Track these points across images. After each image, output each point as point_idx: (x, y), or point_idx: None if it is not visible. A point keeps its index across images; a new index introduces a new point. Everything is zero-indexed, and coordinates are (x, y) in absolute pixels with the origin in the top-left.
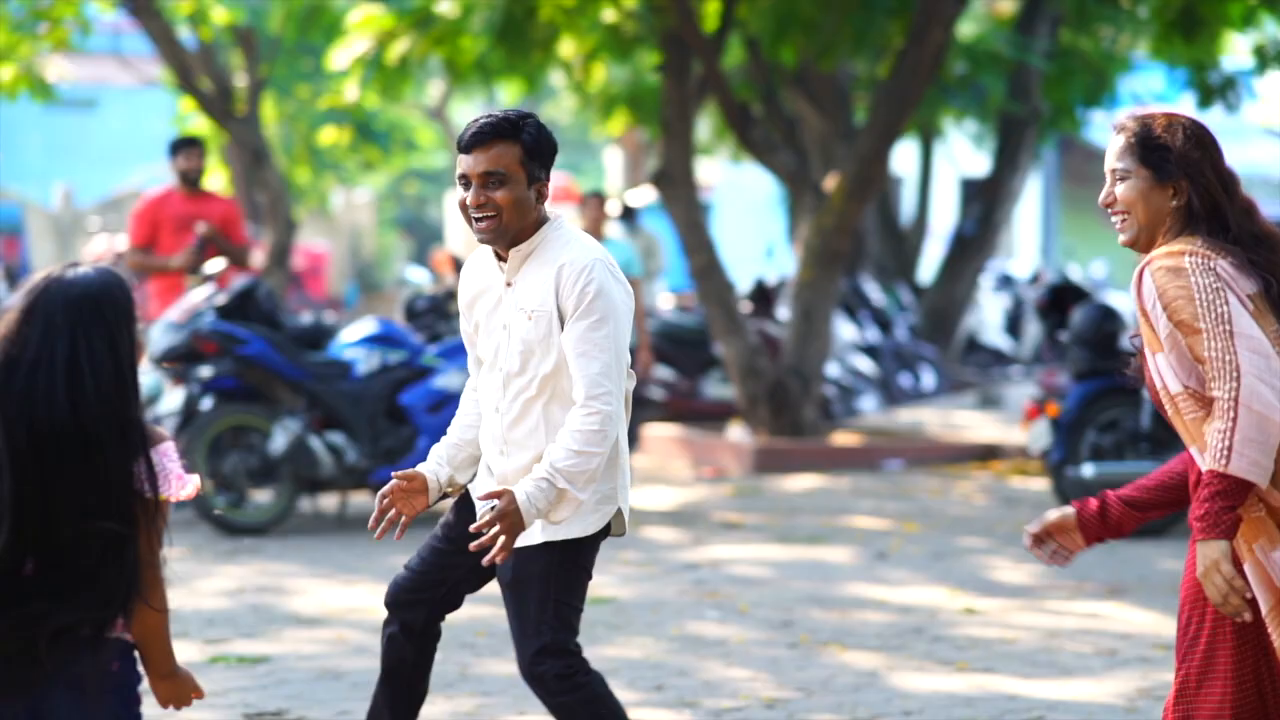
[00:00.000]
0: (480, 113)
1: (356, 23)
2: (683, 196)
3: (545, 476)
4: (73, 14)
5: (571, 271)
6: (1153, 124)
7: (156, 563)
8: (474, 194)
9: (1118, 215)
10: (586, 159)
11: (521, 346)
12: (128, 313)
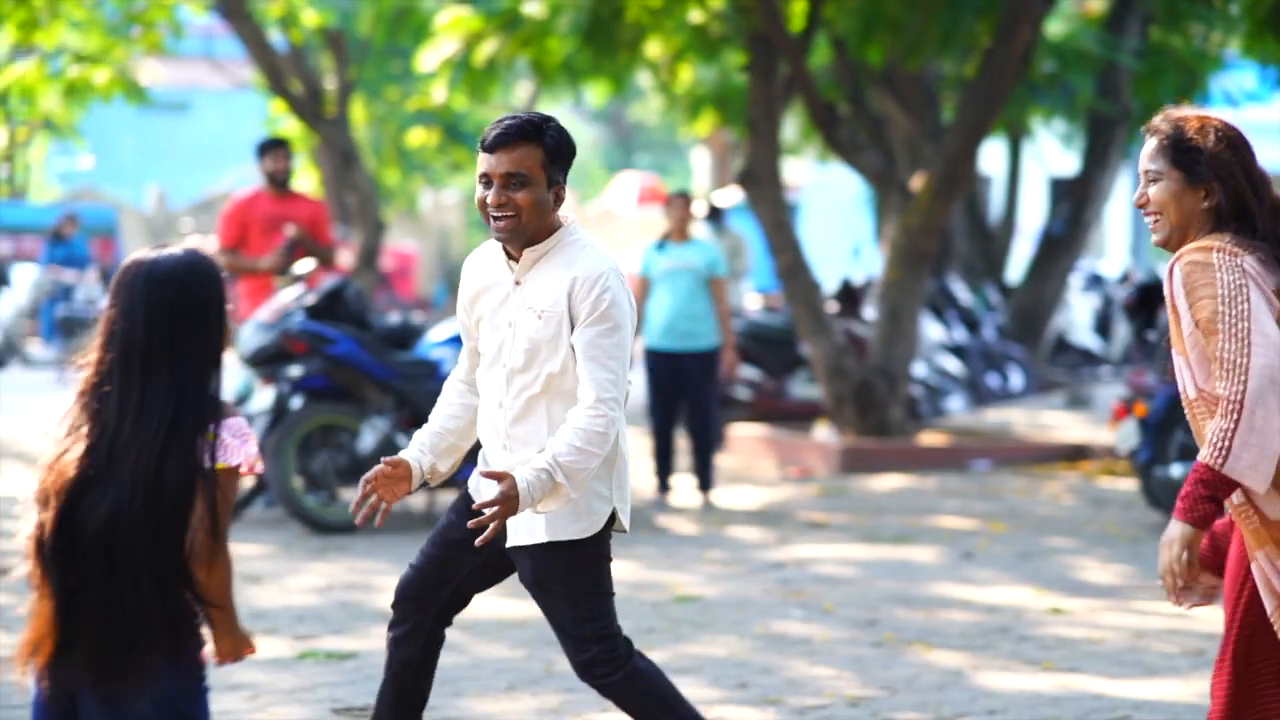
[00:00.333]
0: (567, 112)
1: (444, 24)
2: (769, 196)
3: (546, 468)
4: (165, 18)
5: (586, 279)
6: (1185, 126)
7: (218, 528)
8: (495, 194)
9: (1150, 216)
10: (674, 160)
11: (528, 344)
12: (211, 293)
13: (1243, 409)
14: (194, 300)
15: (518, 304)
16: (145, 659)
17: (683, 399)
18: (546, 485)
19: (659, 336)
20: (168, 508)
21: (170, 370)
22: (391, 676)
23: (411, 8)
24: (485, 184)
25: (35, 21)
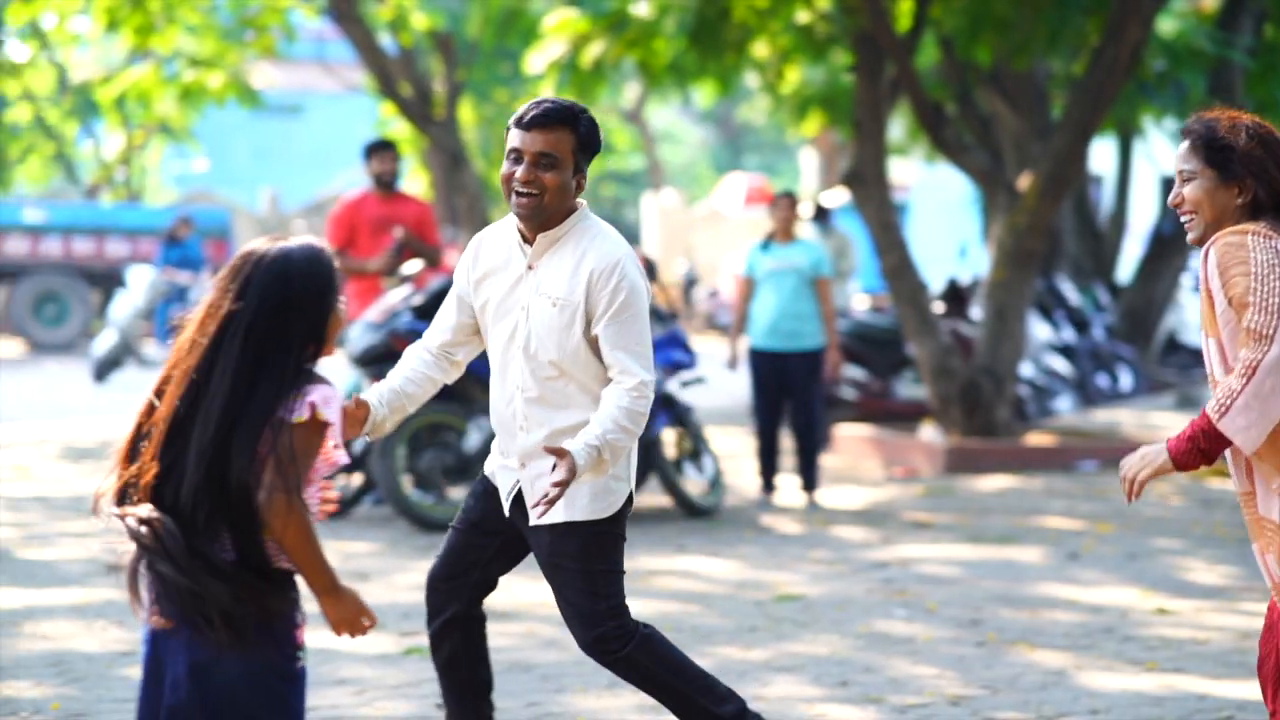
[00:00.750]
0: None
1: (552, 27)
2: (874, 197)
3: (597, 445)
4: (278, 22)
5: (602, 270)
6: (1217, 126)
7: (292, 483)
8: (525, 170)
9: (1186, 215)
10: (782, 160)
11: (541, 330)
12: (317, 284)
13: (1256, 372)
14: (301, 290)
15: (531, 289)
16: (228, 624)
17: (787, 399)
18: (594, 461)
19: (763, 336)
20: (234, 473)
21: (270, 352)
22: (444, 673)
23: (520, 10)
24: (514, 160)
25: (151, 26)
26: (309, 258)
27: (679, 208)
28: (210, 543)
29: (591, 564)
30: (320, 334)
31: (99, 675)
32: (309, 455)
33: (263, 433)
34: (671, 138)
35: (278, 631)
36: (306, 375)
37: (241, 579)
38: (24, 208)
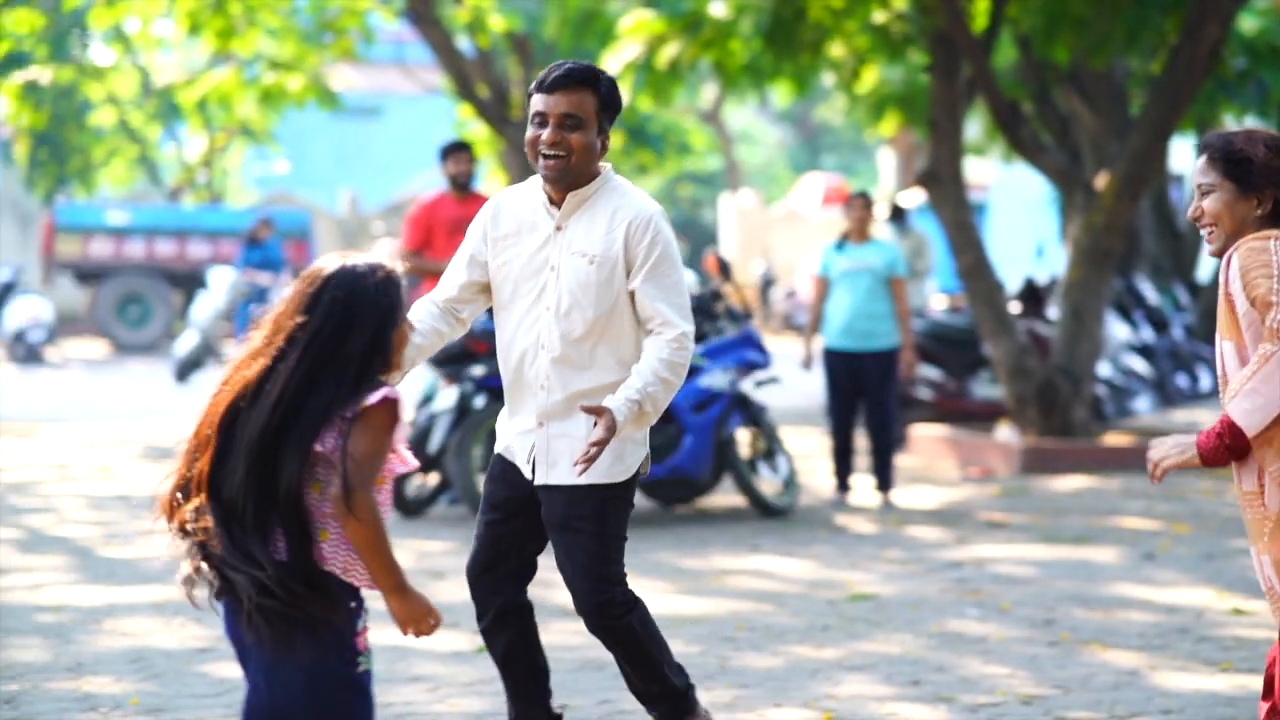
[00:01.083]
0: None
1: (628, 28)
2: (950, 196)
3: (637, 399)
4: (357, 25)
5: (640, 223)
6: (1234, 140)
7: (358, 481)
8: (551, 132)
9: (1206, 227)
10: (860, 160)
11: (575, 288)
12: (380, 301)
13: (1269, 362)
14: (365, 307)
15: (561, 248)
16: (285, 625)
17: (862, 399)
18: (635, 415)
19: (838, 336)
20: (284, 475)
21: (330, 365)
22: (504, 666)
23: (597, 11)
24: (539, 123)
25: (232, 29)
26: (374, 275)
27: (756, 208)
28: (259, 541)
29: (606, 527)
30: (383, 350)
31: (177, 671)
32: (378, 453)
33: (316, 434)
34: (749, 138)
35: (331, 639)
36: (369, 384)
37: (283, 581)
38: (108, 210)
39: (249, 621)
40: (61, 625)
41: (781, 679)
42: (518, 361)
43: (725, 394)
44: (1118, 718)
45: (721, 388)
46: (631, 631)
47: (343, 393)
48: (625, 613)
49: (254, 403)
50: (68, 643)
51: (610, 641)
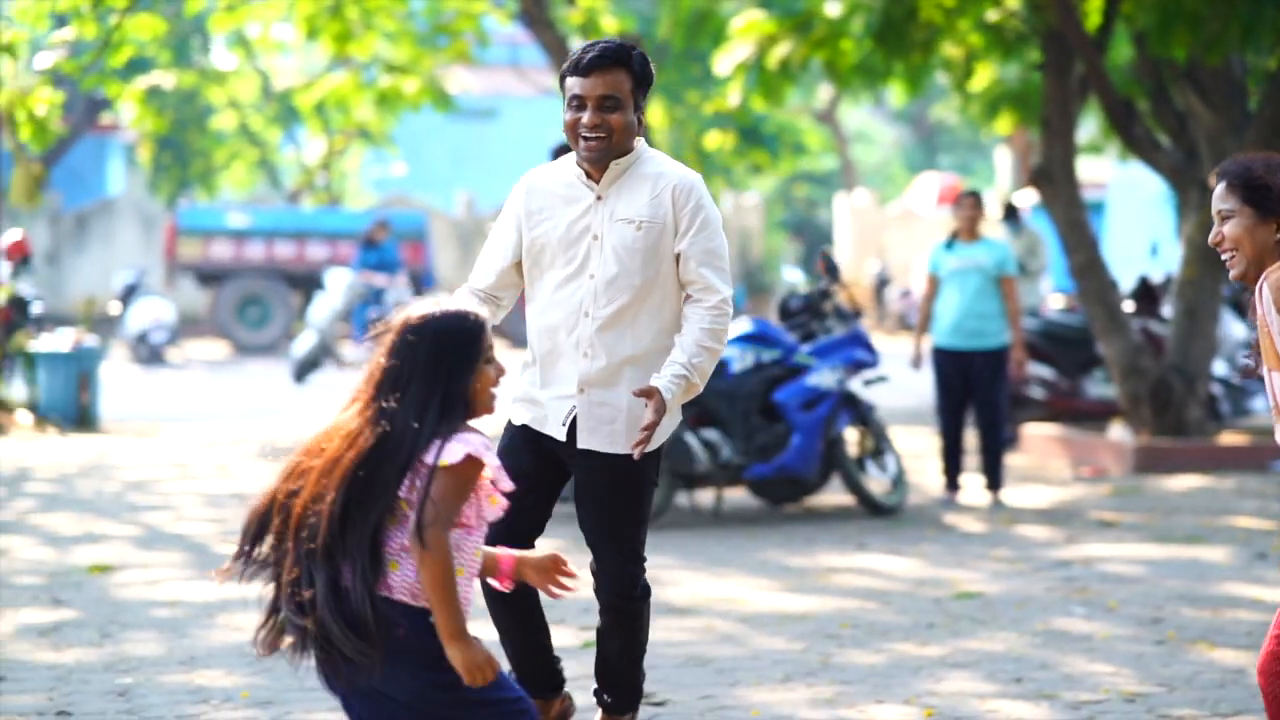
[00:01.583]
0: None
1: (739, 28)
2: (1063, 195)
3: (683, 373)
4: (472, 28)
5: (683, 188)
6: (1253, 166)
7: (430, 521)
8: (591, 115)
9: (1226, 253)
10: (977, 159)
11: (621, 254)
12: (459, 345)
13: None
14: (444, 351)
15: (603, 217)
16: (370, 655)
17: (971, 398)
18: (683, 388)
19: (947, 335)
20: (370, 514)
21: (413, 408)
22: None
23: (710, 11)
24: (578, 107)
25: (349, 33)
26: (454, 320)
27: (871, 208)
28: (325, 574)
29: (643, 498)
30: (463, 392)
31: (288, 666)
32: (455, 499)
33: (400, 479)
34: (865, 138)
35: (418, 661)
36: (451, 426)
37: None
38: (229, 213)
39: (324, 668)
40: (176, 620)
41: (883, 676)
42: (555, 329)
43: (833, 393)
44: (1221, 715)
45: (829, 386)
46: (639, 618)
47: (424, 434)
48: (645, 595)
49: (348, 447)
50: (181, 637)
51: (619, 623)
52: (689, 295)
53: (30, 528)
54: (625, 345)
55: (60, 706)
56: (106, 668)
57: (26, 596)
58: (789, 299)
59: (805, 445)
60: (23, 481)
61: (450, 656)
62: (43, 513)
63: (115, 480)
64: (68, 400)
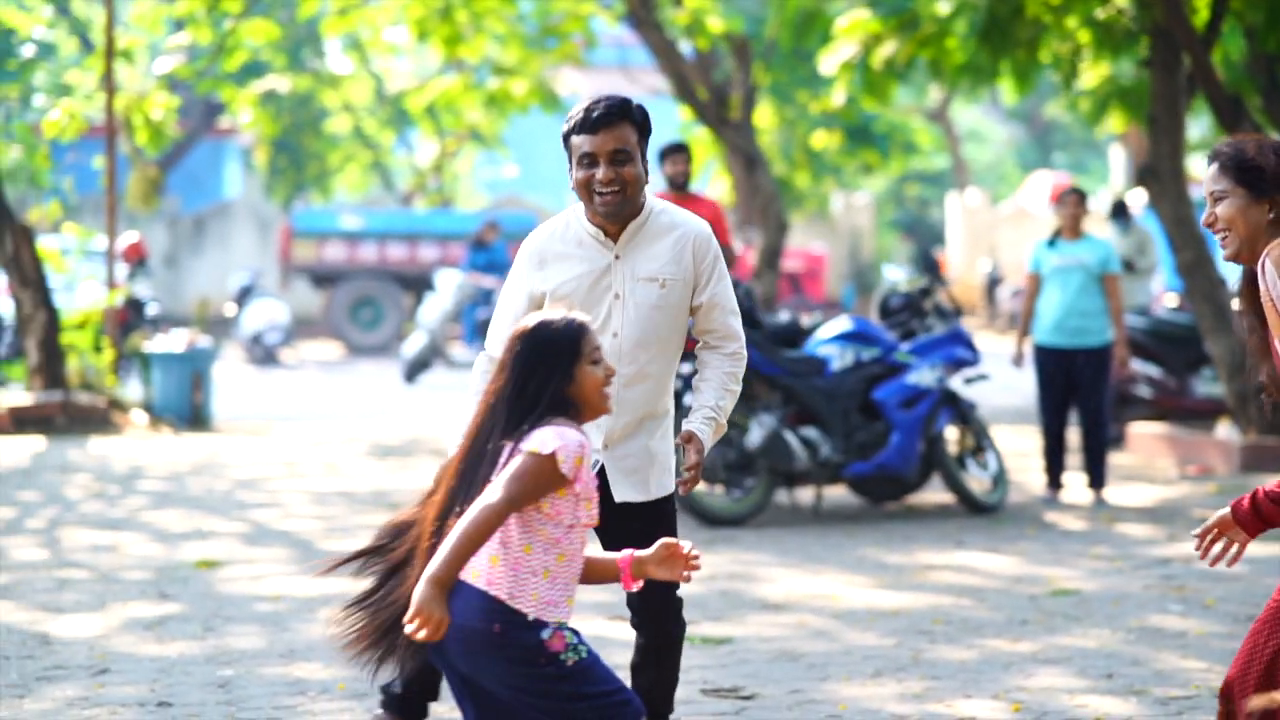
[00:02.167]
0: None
1: (843, 28)
2: (1170, 192)
3: (712, 415)
4: (580, 29)
5: (703, 241)
6: (1245, 148)
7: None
8: (605, 170)
9: (1220, 233)
10: (1092, 157)
11: (647, 312)
12: (557, 351)
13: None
14: (544, 352)
15: (624, 276)
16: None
17: (1074, 396)
18: (714, 429)
19: (1049, 333)
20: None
21: (516, 408)
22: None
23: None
24: (589, 164)
25: (459, 36)
26: (554, 323)
27: (983, 207)
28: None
29: (674, 529)
30: (560, 390)
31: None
32: (529, 481)
33: (492, 469)
34: (977, 136)
35: (516, 653)
36: (545, 420)
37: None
38: (342, 215)
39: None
40: (278, 614)
41: (974, 671)
42: None
43: (933, 391)
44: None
45: (929, 385)
46: (679, 650)
47: (513, 428)
48: (683, 627)
49: (461, 448)
50: (283, 630)
51: (662, 657)
52: (706, 342)
53: (141, 524)
54: (648, 402)
55: (161, 697)
56: (208, 660)
57: (134, 591)
58: (889, 297)
59: (904, 443)
60: (136, 480)
61: (416, 591)
62: (153, 510)
63: (225, 478)
64: (182, 400)
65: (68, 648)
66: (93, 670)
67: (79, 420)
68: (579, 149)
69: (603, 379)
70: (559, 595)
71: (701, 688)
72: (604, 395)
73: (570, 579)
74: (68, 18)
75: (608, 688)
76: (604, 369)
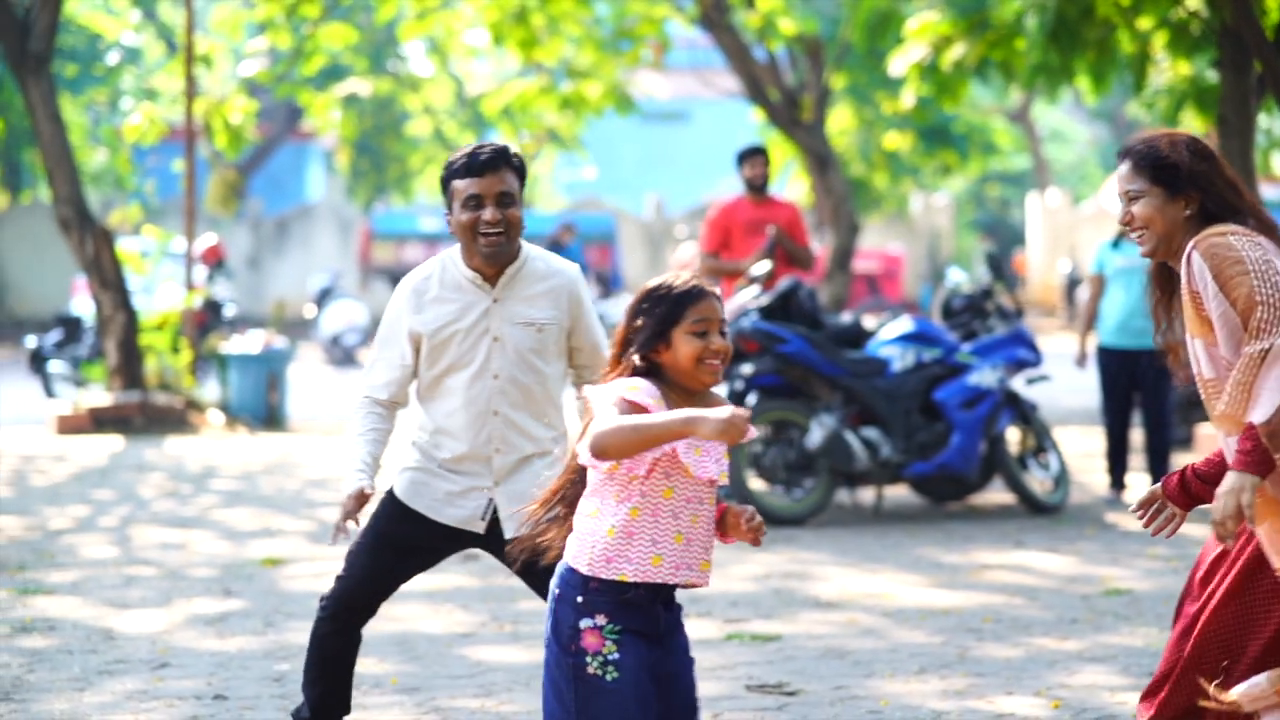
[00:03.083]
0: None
1: (913, 30)
2: None
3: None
4: (654, 32)
5: (577, 284)
6: (1159, 145)
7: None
8: (491, 211)
9: (1136, 231)
10: None
11: (524, 354)
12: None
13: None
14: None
15: (501, 319)
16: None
17: (1138, 397)
18: None
19: (1113, 334)
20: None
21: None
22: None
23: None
24: (475, 205)
25: (534, 39)
26: (667, 282)
27: (1064, 207)
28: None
29: None
30: (652, 345)
31: (438, 654)
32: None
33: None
34: (1060, 137)
35: (553, 618)
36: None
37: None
38: (420, 217)
39: None
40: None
41: (1018, 668)
42: (465, 430)
43: (994, 392)
44: None
45: (990, 385)
46: None
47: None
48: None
49: None
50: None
51: None
52: (581, 375)
53: (211, 523)
54: (526, 441)
55: (217, 690)
56: (266, 655)
57: (199, 587)
58: (951, 298)
59: (965, 443)
60: (208, 479)
61: (705, 433)
62: (224, 508)
63: (296, 478)
64: (257, 400)
65: (130, 642)
66: (153, 664)
67: (156, 420)
68: (464, 191)
69: (703, 350)
70: (634, 552)
71: (746, 683)
72: (703, 368)
73: (652, 536)
74: (154, 22)
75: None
76: (713, 343)
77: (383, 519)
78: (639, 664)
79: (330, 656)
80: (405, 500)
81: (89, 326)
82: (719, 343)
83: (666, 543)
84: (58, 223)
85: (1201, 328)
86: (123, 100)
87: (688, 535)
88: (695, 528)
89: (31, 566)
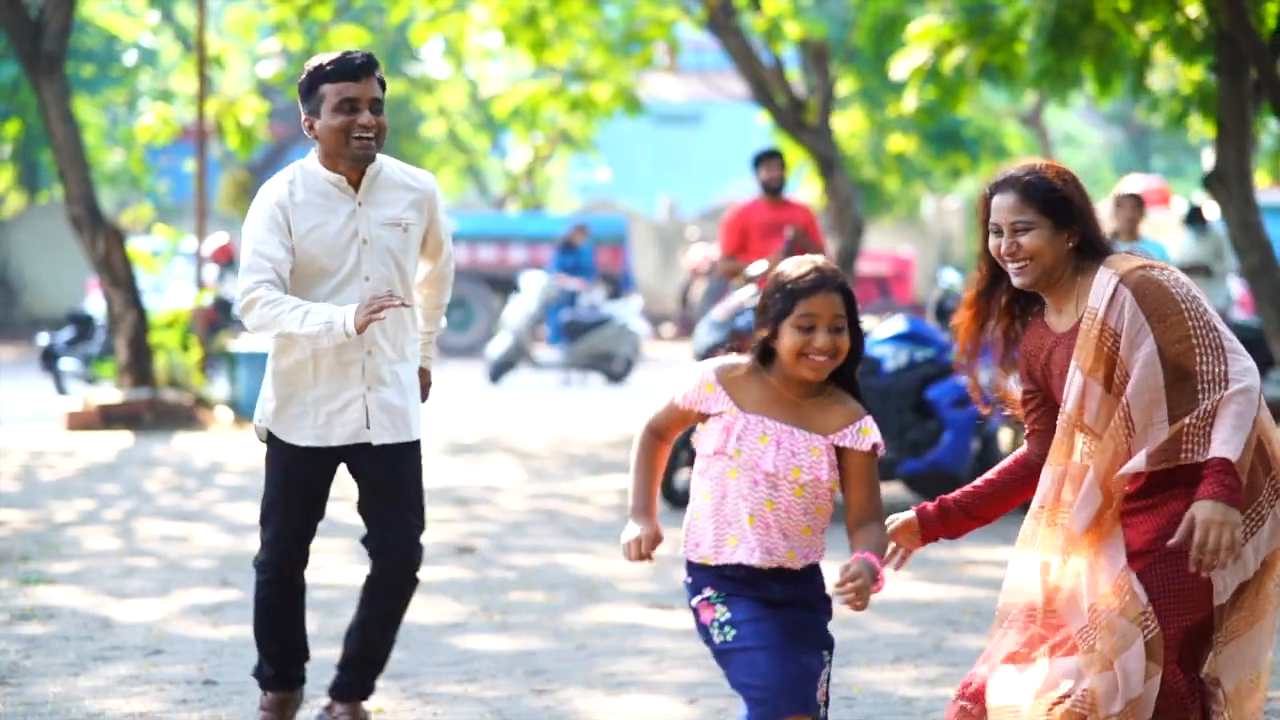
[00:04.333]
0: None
1: (916, 34)
2: (1236, 197)
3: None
4: (663, 35)
5: (436, 195)
6: (1048, 176)
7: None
8: (367, 116)
9: (1019, 262)
10: (1189, 161)
11: (394, 254)
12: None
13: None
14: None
15: (368, 221)
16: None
17: None
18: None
19: None
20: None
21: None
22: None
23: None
24: (350, 109)
25: (545, 42)
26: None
27: None
28: None
29: (421, 479)
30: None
31: (427, 642)
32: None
33: None
34: (1073, 141)
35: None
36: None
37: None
38: None
39: None
40: (332, 600)
41: None
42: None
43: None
44: None
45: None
46: (413, 588)
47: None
48: (419, 565)
49: None
50: (333, 616)
51: (397, 594)
52: (437, 268)
53: (213, 516)
54: (401, 339)
55: (208, 676)
56: None
57: (197, 578)
58: (944, 299)
59: (957, 442)
60: (214, 474)
61: (625, 535)
62: (227, 503)
63: None
64: None
65: (126, 630)
66: (147, 651)
67: (166, 417)
68: (338, 95)
69: (804, 345)
70: (709, 533)
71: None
72: (804, 363)
73: (727, 517)
74: (172, 24)
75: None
76: (816, 340)
77: (278, 469)
78: (754, 614)
79: (280, 611)
80: (292, 441)
81: (100, 324)
82: (823, 340)
83: (739, 524)
84: (69, 222)
85: (1096, 366)
86: (140, 101)
87: (761, 518)
88: (772, 512)
89: (35, 557)
